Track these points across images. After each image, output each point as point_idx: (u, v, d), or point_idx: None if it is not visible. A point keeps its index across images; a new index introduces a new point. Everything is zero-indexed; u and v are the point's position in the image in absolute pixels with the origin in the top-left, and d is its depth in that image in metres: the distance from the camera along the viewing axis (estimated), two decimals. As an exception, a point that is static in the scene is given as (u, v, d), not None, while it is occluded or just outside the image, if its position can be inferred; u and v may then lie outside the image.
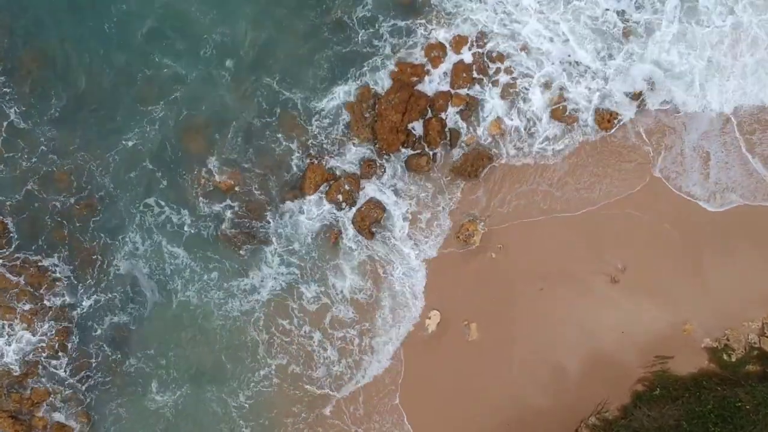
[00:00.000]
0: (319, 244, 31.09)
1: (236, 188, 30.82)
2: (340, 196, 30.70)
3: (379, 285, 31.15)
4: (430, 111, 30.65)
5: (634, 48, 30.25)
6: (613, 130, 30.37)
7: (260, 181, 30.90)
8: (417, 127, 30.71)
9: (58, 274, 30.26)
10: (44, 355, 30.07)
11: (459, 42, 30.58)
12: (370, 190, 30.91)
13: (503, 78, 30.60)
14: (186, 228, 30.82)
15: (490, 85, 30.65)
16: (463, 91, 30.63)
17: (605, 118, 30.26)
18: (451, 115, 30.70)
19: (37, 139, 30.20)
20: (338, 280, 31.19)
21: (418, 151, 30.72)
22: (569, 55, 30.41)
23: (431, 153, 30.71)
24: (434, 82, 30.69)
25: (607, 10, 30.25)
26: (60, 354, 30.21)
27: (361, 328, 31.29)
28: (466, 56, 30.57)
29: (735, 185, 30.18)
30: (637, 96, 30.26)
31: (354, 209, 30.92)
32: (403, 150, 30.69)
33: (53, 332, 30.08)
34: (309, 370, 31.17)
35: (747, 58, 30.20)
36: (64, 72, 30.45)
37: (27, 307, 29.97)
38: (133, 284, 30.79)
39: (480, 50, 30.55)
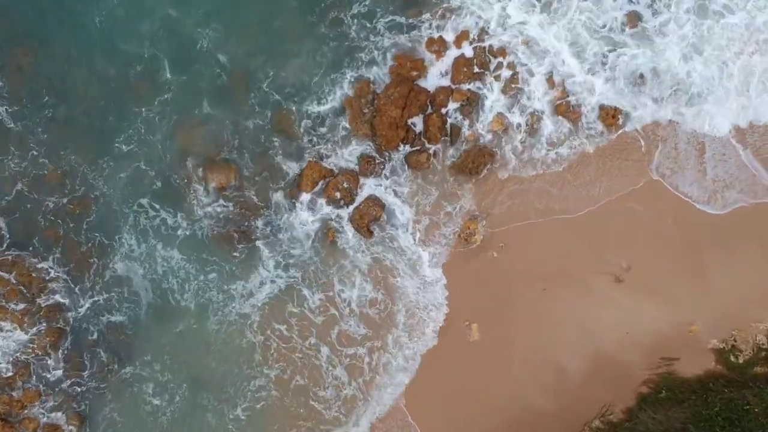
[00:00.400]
0: (318, 245, 30.58)
1: (231, 188, 30.36)
2: (338, 194, 30.24)
3: (393, 296, 30.49)
4: (430, 106, 30.29)
5: (640, 52, 30.05)
6: (619, 132, 30.01)
7: (256, 181, 30.45)
8: (417, 123, 30.36)
9: (53, 274, 29.78)
10: (35, 355, 29.59)
11: (460, 36, 30.24)
12: (369, 187, 30.47)
13: (505, 73, 30.24)
14: (180, 230, 30.27)
15: (491, 80, 30.32)
16: (464, 86, 30.28)
17: (610, 114, 29.94)
18: (452, 111, 30.32)
19: (28, 139, 29.81)
20: (344, 287, 30.51)
21: (418, 147, 30.36)
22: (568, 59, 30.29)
23: (431, 149, 30.33)
24: (435, 77, 30.36)
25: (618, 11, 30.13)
26: (52, 355, 29.71)
27: (373, 345, 30.48)
28: (467, 51, 30.23)
29: (733, 180, 29.75)
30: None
31: (352, 207, 30.45)
32: (403, 146, 30.30)
33: (45, 333, 29.59)
34: (316, 387, 30.44)
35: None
36: (55, 70, 30.07)
37: (19, 306, 29.52)
38: (128, 286, 30.29)
39: (481, 44, 30.17)
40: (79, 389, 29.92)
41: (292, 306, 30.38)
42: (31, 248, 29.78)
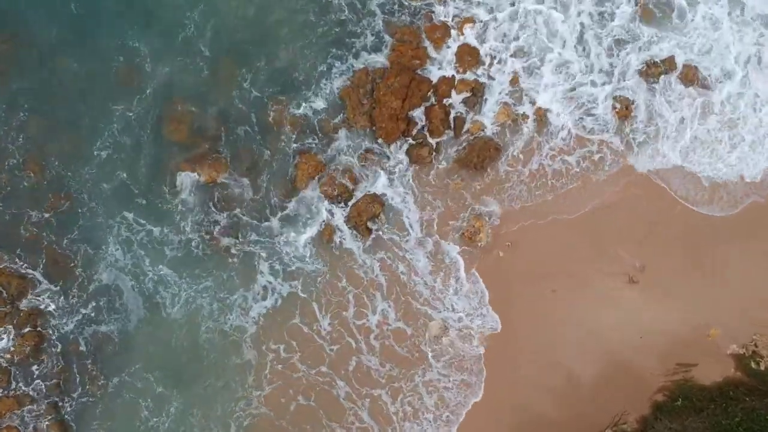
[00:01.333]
0: (316, 247, 29.57)
1: (221, 189, 29.42)
2: (335, 190, 29.40)
3: (414, 317, 29.32)
4: (432, 97, 29.73)
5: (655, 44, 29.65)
6: (638, 136, 29.33)
7: (248, 179, 29.63)
8: (418, 115, 29.74)
9: (42, 288, 28.95)
10: (15, 361, 28.67)
11: (464, 23, 29.78)
12: (367, 183, 29.66)
13: (512, 62, 29.80)
14: (170, 240, 29.44)
15: (498, 69, 29.78)
16: (468, 76, 29.75)
17: (623, 104, 29.52)
18: (456, 102, 29.74)
19: (5, 144, 29.13)
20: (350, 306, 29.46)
21: (420, 140, 29.72)
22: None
23: (434, 143, 29.68)
24: (437, 66, 29.82)
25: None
26: (34, 362, 28.87)
27: (394, 386, 29.18)
28: (472, 38, 29.79)
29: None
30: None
31: (350, 204, 29.55)
32: (404, 139, 29.62)
33: (26, 337, 28.76)
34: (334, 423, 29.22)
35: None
36: (33, 64, 29.39)
37: (-1, 310, 28.84)
38: (116, 295, 29.35)
39: (487, 31, 29.77)
40: (62, 399, 29.02)
41: (296, 318, 29.30)
42: (11, 251, 28.90)
